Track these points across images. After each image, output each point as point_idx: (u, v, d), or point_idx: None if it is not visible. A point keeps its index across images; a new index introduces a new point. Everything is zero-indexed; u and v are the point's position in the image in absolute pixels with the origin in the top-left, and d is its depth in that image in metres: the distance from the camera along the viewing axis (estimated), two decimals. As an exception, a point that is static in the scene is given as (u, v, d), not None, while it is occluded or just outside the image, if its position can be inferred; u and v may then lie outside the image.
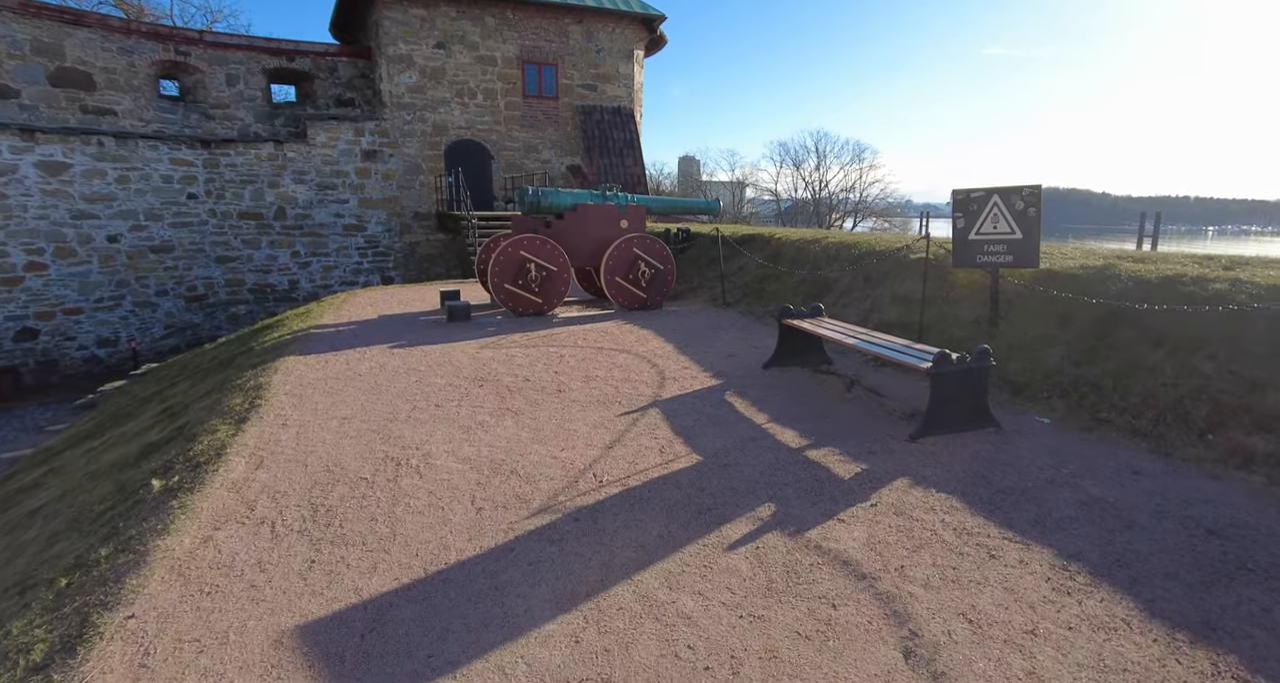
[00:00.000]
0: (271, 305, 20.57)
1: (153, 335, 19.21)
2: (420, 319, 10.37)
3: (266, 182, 20.06)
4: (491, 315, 10.47)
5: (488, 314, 10.66)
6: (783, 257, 10.73)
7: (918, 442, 5.08)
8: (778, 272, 10.37)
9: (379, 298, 12.81)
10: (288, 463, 5.09)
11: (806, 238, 10.77)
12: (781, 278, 10.28)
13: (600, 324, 9.66)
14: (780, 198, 51.27)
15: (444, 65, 21.04)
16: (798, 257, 10.39)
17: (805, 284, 9.67)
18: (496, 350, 8.17)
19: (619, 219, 10.68)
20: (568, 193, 10.64)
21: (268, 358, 8.31)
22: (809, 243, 10.45)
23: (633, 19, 22.62)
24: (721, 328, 9.23)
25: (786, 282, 10.11)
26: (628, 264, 10.38)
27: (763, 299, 10.18)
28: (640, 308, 10.60)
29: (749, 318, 9.80)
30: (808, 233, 11.59)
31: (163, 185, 18.98)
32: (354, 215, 20.84)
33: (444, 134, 21.31)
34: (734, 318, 9.91)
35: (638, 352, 7.97)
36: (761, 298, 10.24)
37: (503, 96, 21.71)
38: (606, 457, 4.93)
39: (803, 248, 10.47)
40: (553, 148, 22.55)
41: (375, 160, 20.86)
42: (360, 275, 21.07)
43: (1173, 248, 13.62)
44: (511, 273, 9.80)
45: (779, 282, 10.30)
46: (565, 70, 22.27)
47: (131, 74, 19.29)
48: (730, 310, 10.38)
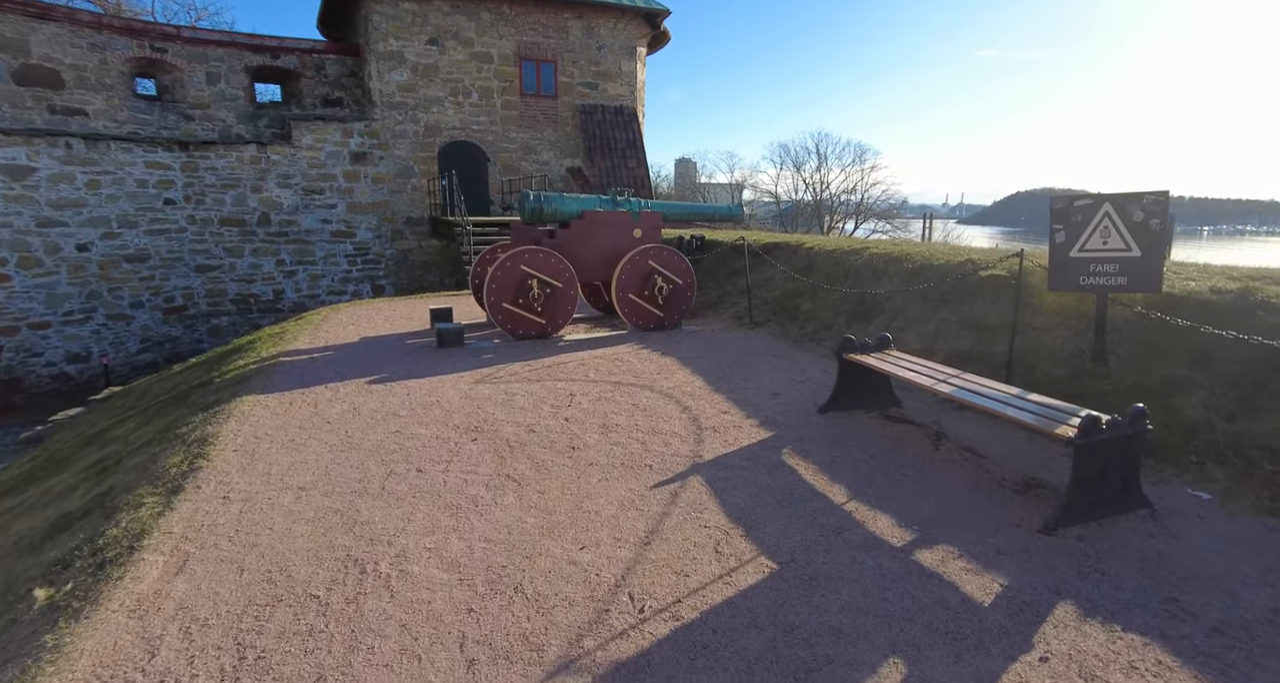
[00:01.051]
0: (255, 316, 19.17)
1: (128, 350, 17.79)
2: (406, 343, 9.01)
3: (249, 186, 18.66)
4: (488, 338, 9.12)
5: (483, 336, 9.30)
6: (816, 269, 9.40)
7: (1057, 534, 3.76)
8: (811, 286, 9.04)
9: (362, 315, 11.44)
10: (219, 564, 3.75)
11: (844, 248, 9.44)
12: (817, 294, 8.95)
13: (613, 349, 8.32)
14: (780, 200, 49.99)
15: (437, 62, 19.67)
16: (835, 270, 9.06)
17: (848, 303, 8.34)
18: (494, 386, 6.82)
19: (632, 227, 9.35)
20: (574, 198, 9.30)
21: (224, 396, 6.94)
22: (849, 254, 9.12)
23: (635, 14, 21.28)
24: (754, 355, 7.90)
25: (824, 299, 8.78)
26: (642, 279, 9.04)
27: (797, 319, 8.84)
28: (657, 328, 9.27)
29: (784, 342, 8.47)
30: (844, 242, 10.24)
31: (137, 190, 17.57)
32: (342, 221, 19.46)
33: (437, 135, 19.94)
34: (766, 341, 8.58)
35: (662, 388, 6.63)
36: (795, 317, 8.91)
37: (499, 95, 20.35)
38: (644, 561, 3.60)
39: (841, 260, 9.14)
40: (552, 149, 21.20)
41: (365, 163, 19.47)
42: (349, 285, 19.68)
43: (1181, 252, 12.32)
44: (511, 290, 8.45)
45: (814, 299, 8.97)
46: (565, 68, 20.91)
47: (104, 72, 17.87)
48: (760, 332, 9.05)
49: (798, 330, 8.61)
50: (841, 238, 10.68)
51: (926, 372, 5.06)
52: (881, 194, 45.96)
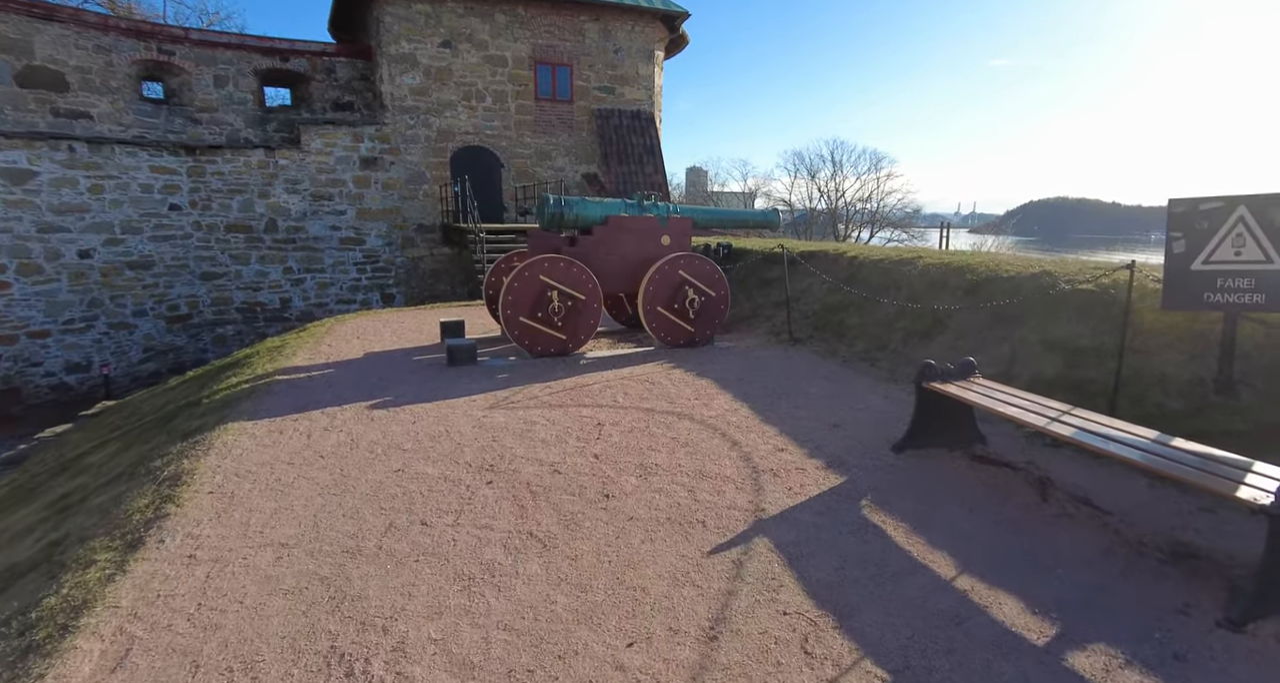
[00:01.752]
0: (261, 325, 18.44)
1: (130, 360, 17.09)
2: (414, 359, 8.19)
3: (256, 191, 17.96)
4: (503, 355, 8.29)
5: (498, 352, 8.48)
6: (861, 280, 8.52)
7: (1245, 631, 2.87)
8: (858, 299, 8.16)
9: (369, 327, 10.64)
10: (168, 657, 2.92)
11: (893, 257, 8.56)
12: (865, 308, 8.07)
13: (641, 368, 7.47)
14: (794, 208, 49.09)
15: (450, 65, 18.96)
16: (884, 282, 8.18)
17: (903, 319, 7.45)
18: (510, 413, 5.98)
19: (659, 234, 8.51)
20: (597, 203, 8.48)
21: (209, 421, 6.13)
22: (899, 264, 8.24)
23: (654, 16, 20.52)
24: (801, 377, 7.03)
25: (874, 314, 7.90)
26: (672, 290, 8.19)
27: (844, 336, 7.97)
28: (687, 344, 8.42)
29: (831, 362, 7.59)
30: (891, 250, 9.34)
31: (142, 195, 16.90)
32: (352, 227, 18.73)
33: (450, 140, 19.21)
34: (810, 361, 7.71)
35: (703, 417, 5.77)
36: (842, 334, 8.03)
37: (513, 99, 19.61)
38: (713, 667, 2.73)
39: (890, 270, 8.26)
40: (567, 155, 20.43)
41: (375, 168, 18.75)
42: (358, 293, 18.93)
43: None
44: (529, 303, 7.62)
45: (862, 313, 8.09)
46: (581, 71, 20.16)
47: (109, 74, 17.24)
48: (802, 350, 8.18)
49: (846, 349, 7.73)
50: (887, 247, 9.80)
51: (1030, 407, 4.18)
52: (897, 202, 44.99)
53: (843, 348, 7.77)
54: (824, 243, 11.92)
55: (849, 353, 7.59)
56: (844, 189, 45.04)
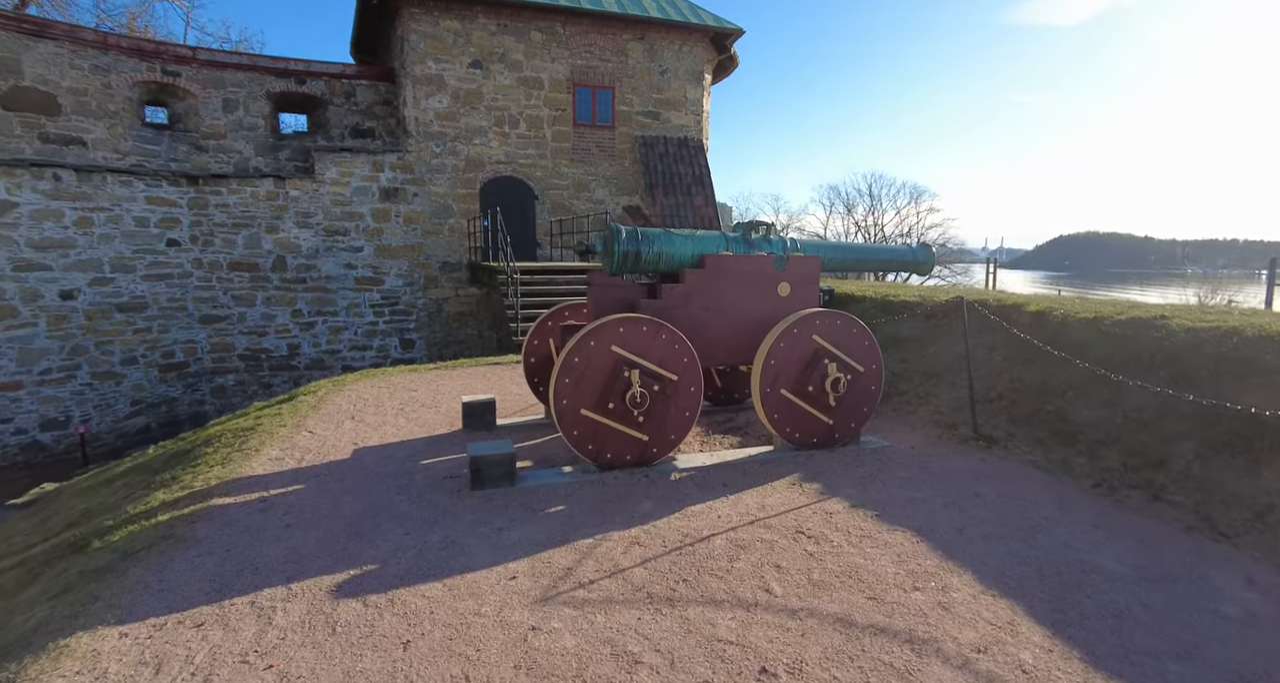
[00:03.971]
0: (266, 375, 15.86)
1: (115, 414, 14.50)
2: (422, 469, 5.38)
3: (264, 225, 15.52)
4: (550, 458, 5.48)
5: (543, 454, 5.66)
6: (1069, 344, 5.61)
7: None
8: (1081, 379, 5.26)
9: (371, 398, 7.88)
10: None
11: (1114, 315, 5.65)
12: (1092, 392, 5.17)
13: (772, 493, 4.60)
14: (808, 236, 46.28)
15: (480, 88, 16.55)
16: (1120, 353, 5.27)
17: (1180, 418, 4.52)
18: (579, 618, 3.13)
19: (776, 281, 5.72)
20: (686, 236, 5.72)
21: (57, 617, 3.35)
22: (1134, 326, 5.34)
23: (703, 34, 18.08)
24: (1048, 521, 4.12)
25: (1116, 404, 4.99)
26: (803, 366, 5.35)
27: (1074, 439, 5.05)
28: (822, 444, 5.54)
29: (1071, 484, 4.68)
30: (1105, 305, 6.30)
31: (136, 229, 14.50)
32: (369, 266, 16.18)
33: (479, 169, 16.72)
34: (1036, 482, 4.80)
35: (963, 651, 2.87)
36: (1068, 435, 5.13)
37: (550, 125, 17.14)
38: None
39: (1124, 335, 5.35)
40: (607, 185, 17.86)
41: (396, 200, 16.26)
42: (374, 339, 16.31)
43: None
44: (597, 387, 4.82)
45: (1092, 401, 5.19)
46: (623, 94, 17.69)
47: (106, 97, 15.00)
48: (1006, 457, 5.27)
49: (1086, 463, 4.82)
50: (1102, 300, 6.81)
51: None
52: (938, 237, 42.05)
53: (1079, 460, 4.85)
54: (980, 290, 8.98)
55: (1095, 471, 4.67)
56: (883, 224, 42.23)
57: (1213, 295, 8.85)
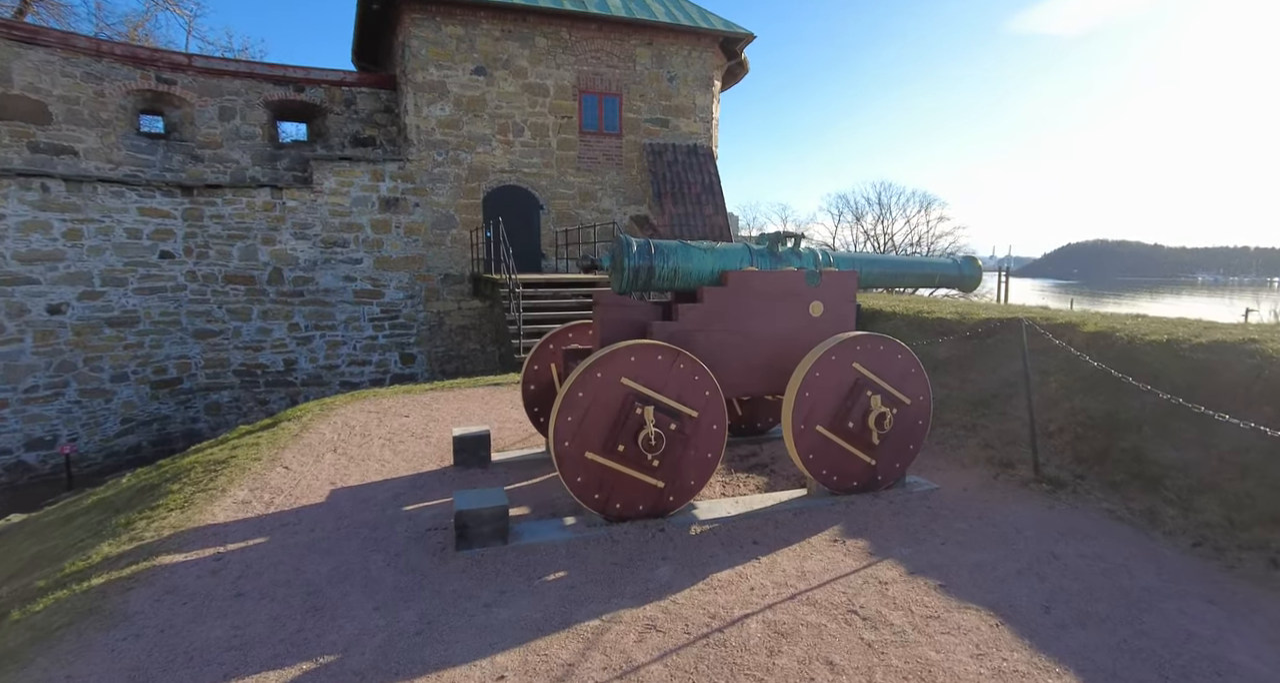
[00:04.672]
0: (262, 391, 15.21)
1: (104, 433, 13.87)
2: (405, 516, 4.67)
3: (260, 237, 14.92)
4: (549, 505, 4.76)
5: (540, 498, 4.94)
6: (1142, 369, 4.88)
7: None
8: (1166, 410, 4.52)
9: (359, 424, 7.18)
10: None
11: (1193, 338, 4.89)
12: (1168, 426, 4.44)
13: (809, 555, 3.87)
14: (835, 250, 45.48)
15: (484, 95, 15.96)
16: (1225, 383, 4.52)
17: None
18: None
19: (808, 299, 5.01)
20: (705, 249, 5.01)
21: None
22: (1218, 351, 4.59)
23: (713, 39, 17.45)
24: (1158, 599, 3.37)
25: (1212, 444, 4.25)
26: (840, 398, 4.62)
27: (1157, 483, 4.32)
28: (862, 487, 4.80)
29: (1166, 545, 3.93)
30: (1177, 326, 5.49)
31: (128, 241, 13.93)
32: (368, 279, 15.54)
33: (483, 178, 16.09)
34: (1124, 539, 4.06)
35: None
36: (1139, 474, 4.41)
37: (555, 133, 16.51)
38: None
39: (1206, 361, 4.61)
40: (614, 195, 17.20)
41: (397, 210, 15.65)
42: (373, 354, 15.64)
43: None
44: (603, 427, 4.11)
45: (1166, 433, 4.48)
46: (630, 101, 17.06)
47: (99, 105, 14.46)
48: (1079, 506, 4.52)
49: (1178, 514, 4.07)
50: (1171, 320, 6.02)
51: None
52: (949, 246, 41.27)
53: (1168, 511, 4.11)
54: (1015, 307, 8.21)
55: (1192, 526, 3.93)
56: (892, 232, 41.47)
57: None
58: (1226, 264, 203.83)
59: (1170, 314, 6.75)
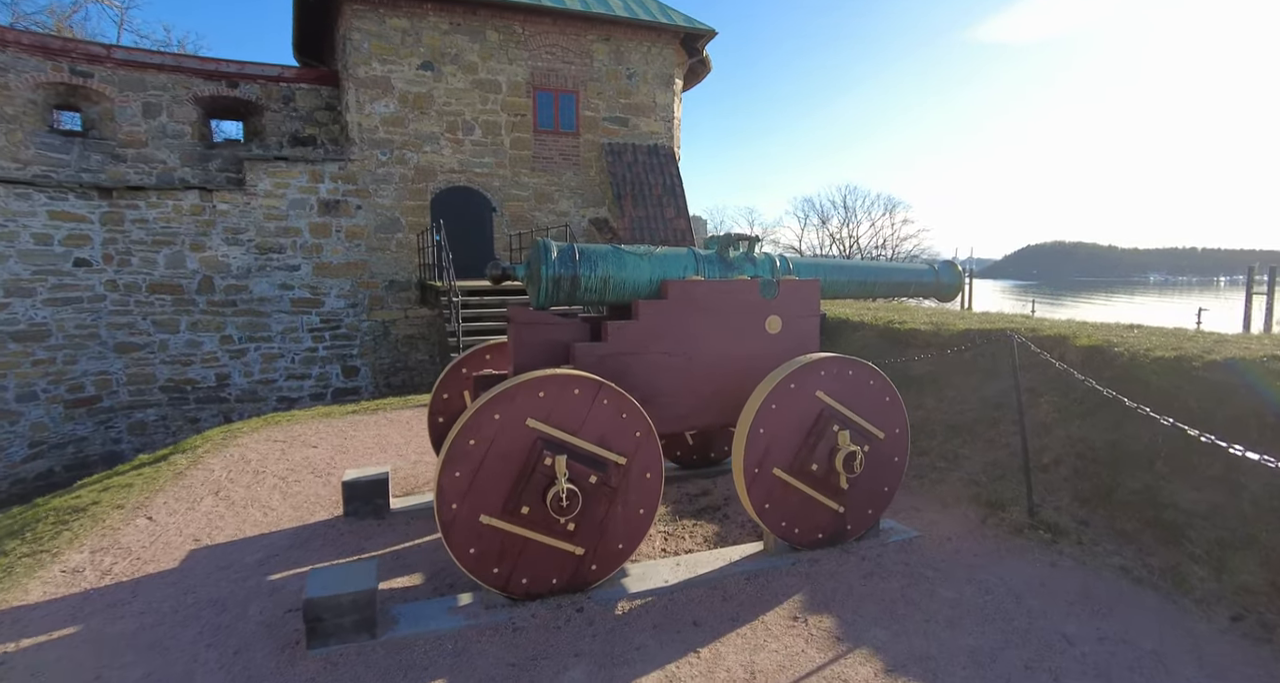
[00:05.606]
0: (192, 408, 13.99)
1: (9, 459, 12.55)
2: (267, 589, 3.73)
3: (188, 242, 13.73)
4: (442, 589, 3.84)
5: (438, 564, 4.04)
6: (1149, 391, 4.14)
7: None
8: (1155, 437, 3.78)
9: (255, 461, 6.17)
10: None
11: (1245, 356, 4.14)
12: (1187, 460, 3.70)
13: (771, 650, 3.03)
14: (803, 255, 45.19)
15: (432, 91, 14.96)
16: (1250, 409, 3.79)
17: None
18: None
19: (763, 313, 4.18)
20: (641, 254, 4.15)
21: None
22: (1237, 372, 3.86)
23: (673, 34, 16.66)
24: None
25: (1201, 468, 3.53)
26: (803, 435, 3.80)
27: (1171, 531, 3.57)
28: (829, 540, 3.97)
29: (1187, 608, 3.18)
30: (1183, 340, 4.75)
31: (35, 248, 12.66)
32: (307, 286, 14.42)
33: (430, 179, 15.08)
34: (1139, 602, 3.29)
35: None
36: (1156, 521, 3.66)
37: (508, 132, 15.57)
38: None
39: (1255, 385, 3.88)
40: (572, 197, 16.30)
41: (337, 213, 14.56)
42: (313, 366, 14.52)
43: None
44: (505, 485, 3.22)
45: (1184, 469, 3.74)
46: (588, 99, 16.19)
47: (4, 100, 13.14)
48: (1084, 558, 3.74)
49: (1209, 575, 3.33)
50: (1179, 333, 5.31)
51: None
52: (913, 248, 41.15)
53: (1196, 571, 3.35)
54: (980, 316, 7.46)
55: (1228, 591, 3.18)
56: (858, 236, 41.21)
57: None
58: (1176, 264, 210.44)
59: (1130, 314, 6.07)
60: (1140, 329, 5.41)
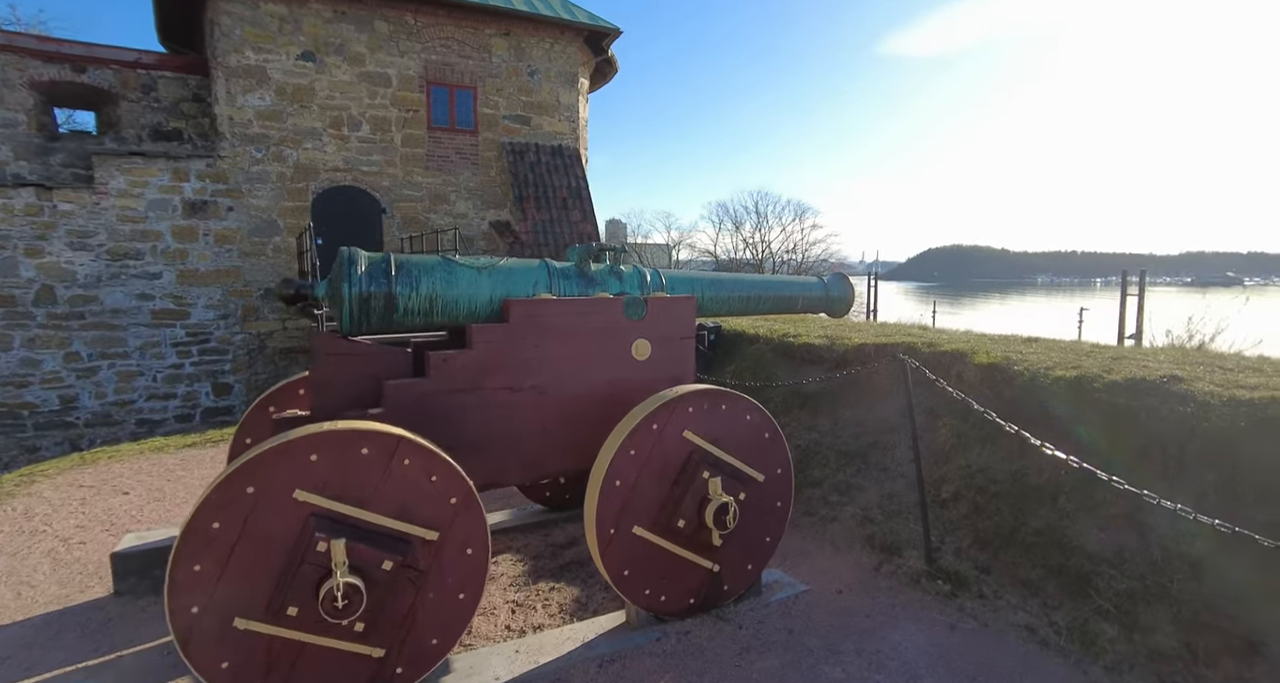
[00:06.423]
0: (31, 436, 12.23)
1: None
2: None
3: (22, 247, 11.99)
4: None
5: None
6: (1050, 416, 3.75)
7: None
8: (1060, 468, 3.37)
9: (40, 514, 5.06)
10: None
11: (1146, 377, 3.76)
12: (1093, 495, 3.30)
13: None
14: (719, 259, 45.34)
15: (313, 84, 13.70)
16: (1153, 437, 3.41)
17: (1273, 563, 2.66)
18: None
19: (629, 336, 3.53)
20: (481, 267, 3.42)
21: None
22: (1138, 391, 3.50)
23: (577, 32, 15.95)
24: None
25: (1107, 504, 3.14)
26: (669, 484, 3.17)
27: (1078, 581, 3.14)
28: (701, 605, 3.36)
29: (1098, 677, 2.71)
30: (1085, 352, 4.41)
31: None
32: (170, 296, 12.88)
33: (312, 178, 13.80)
34: (1047, 671, 2.80)
35: None
36: (1061, 568, 3.24)
37: (399, 128, 14.46)
38: None
39: (1157, 410, 3.50)
40: (470, 198, 15.33)
41: (205, 215, 13.09)
42: (179, 385, 12.98)
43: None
44: (268, 578, 2.42)
45: (1089, 506, 3.34)
46: (487, 96, 15.26)
47: None
48: (988, 616, 3.26)
49: (1120, 635, 2.88)
50: (1078, 349, 4.98)
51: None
52: (822, 253, 42.01)
53: (1106, 630, 2.92)
54: (877, 327, 7.07)
55: (1141, 655, 2.75)
56: (770, 240, 41.71)
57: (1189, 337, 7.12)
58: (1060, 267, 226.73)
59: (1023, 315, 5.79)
60: (1039, 343, 5.10)
